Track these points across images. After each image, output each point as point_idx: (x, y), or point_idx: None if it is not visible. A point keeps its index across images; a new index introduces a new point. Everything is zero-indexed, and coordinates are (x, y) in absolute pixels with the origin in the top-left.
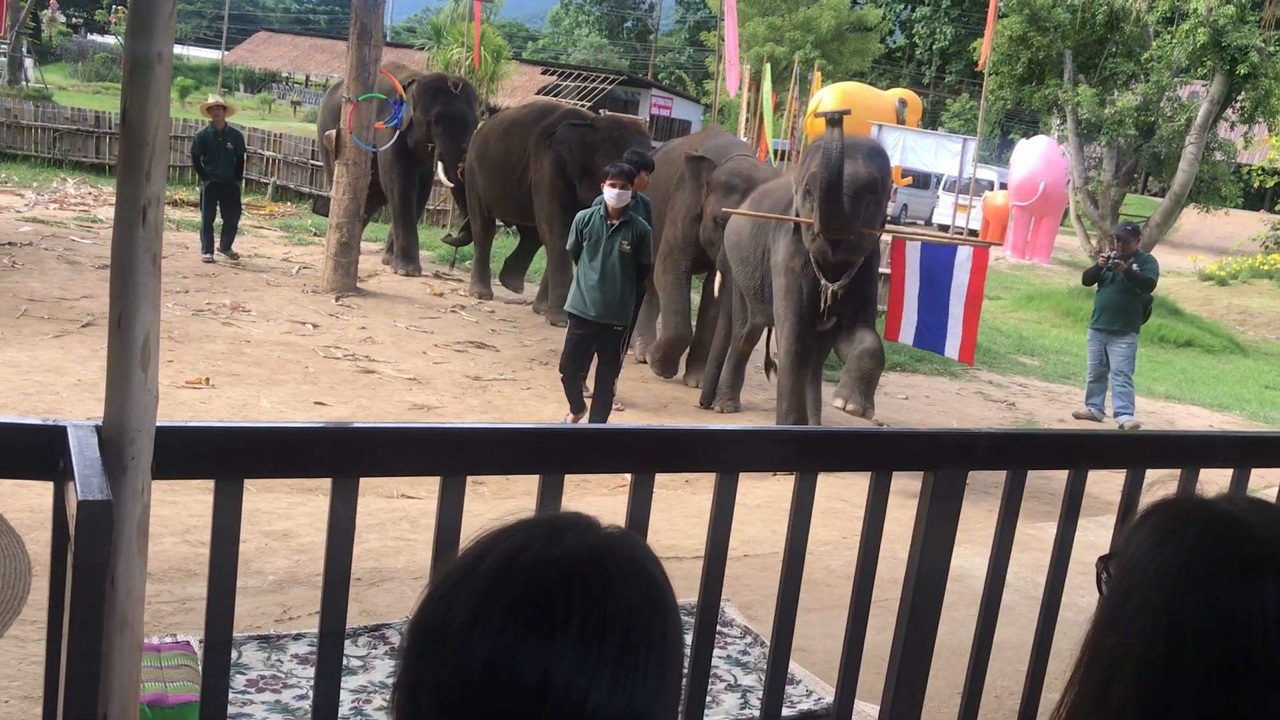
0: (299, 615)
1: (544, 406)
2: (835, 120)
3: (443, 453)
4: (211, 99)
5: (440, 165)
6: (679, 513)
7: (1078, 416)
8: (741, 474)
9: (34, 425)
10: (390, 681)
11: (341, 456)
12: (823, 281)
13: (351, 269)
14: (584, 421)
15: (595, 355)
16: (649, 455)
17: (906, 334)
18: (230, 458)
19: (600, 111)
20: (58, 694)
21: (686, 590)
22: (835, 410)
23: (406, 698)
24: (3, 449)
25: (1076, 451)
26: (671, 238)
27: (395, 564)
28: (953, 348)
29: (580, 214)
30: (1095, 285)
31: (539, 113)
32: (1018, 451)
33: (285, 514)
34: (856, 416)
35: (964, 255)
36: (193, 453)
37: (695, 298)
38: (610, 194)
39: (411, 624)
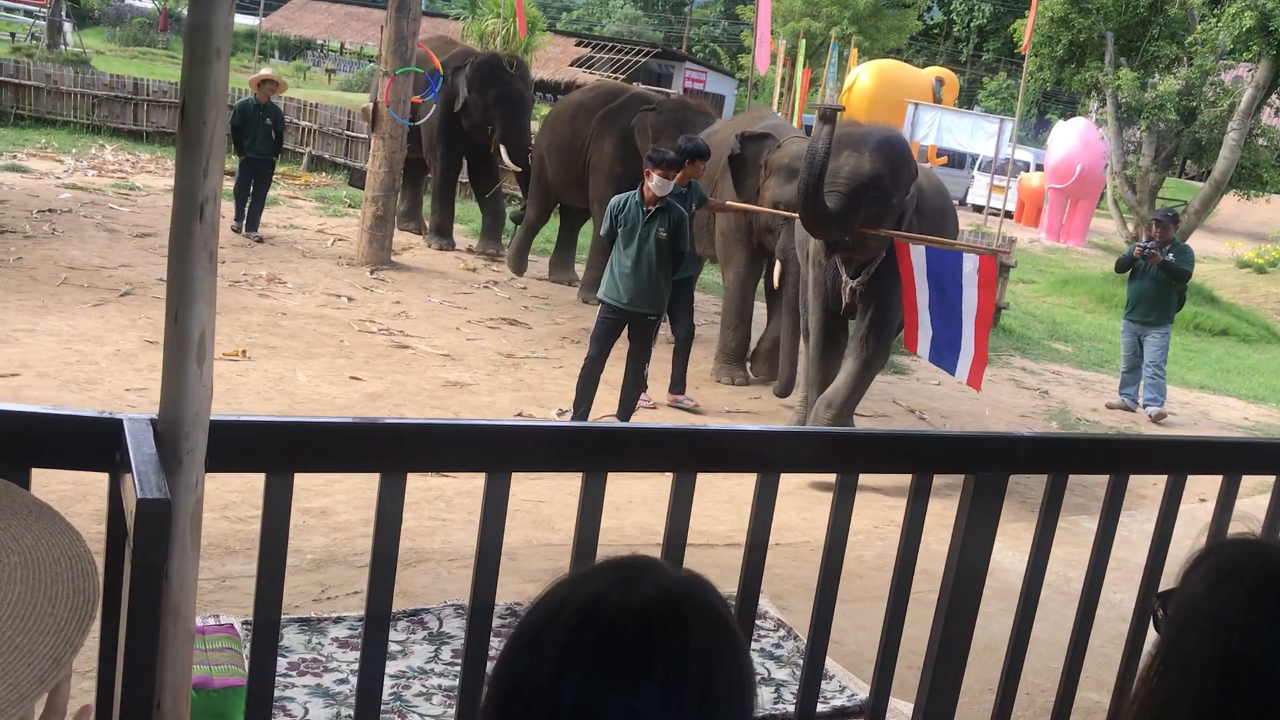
0: (337, 595)
1: (574, 386)
2: (827, 116)
3: (489, 449)
4: (264, 71)
5: (504, 149)
6: (709, 498)
7: (1110, 407)
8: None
9: (91, 417)
10: (429, 668)
11: (390, 452)
12: (843, 277)
13: (386, 242)
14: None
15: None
16: (691, 455)
17: (923, 347)
18: (282, 451)
19: (668, 93)
20: (113, 680)
21: (719, 579)
22: (873, 408)
23: None
24: (60, 440)
25: (1118, 456)
26: (724, 228)
27: (431, 544)
28: (963, 369)
29: (615, 199)
30: (1128, 273)
31: (604, 96)
32: (1059, 456)
33: (323, 490)
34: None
35: (970, 266)
36: (246, 446)
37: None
38: (655, 182)
39: (497, 670)
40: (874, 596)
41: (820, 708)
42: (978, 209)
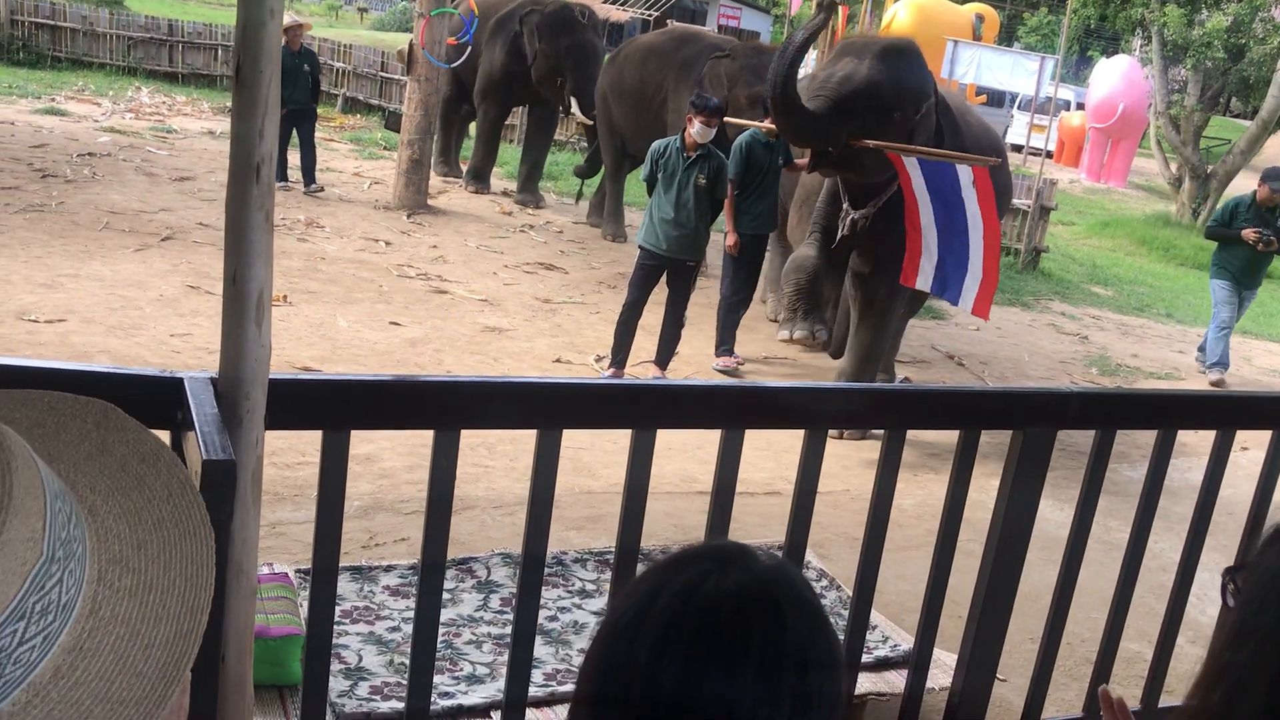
0: (384, 542)
1: (611, 333)
2: (825, 4)
3: (539, 407)
4: (289, 18)
5: (574, 100)
6: (748, 445)
7: (1215, 384)
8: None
9: (153, 376)
10: (478, 615)
11: (443, 410)
12: (844, 205)
13: (423, 186)
14: (655, 373)
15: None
16: (739, 412)
17: (925, 278)
18: (338, 409)
19: (742, 37)
20: None
21: (760, 528)
22: (911, 354)
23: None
24: (123, 399)
25: (1167, 411)
26: (806, 180)
27: (475, 491)
28: (969, 298)
29: (656, 144)
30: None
31: (678, 41)
32: (1108, 411)
33: (368, 437)
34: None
35: (966, 175)
36: (303, 404)
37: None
38: (696, 129)
39: (593, 656)
40: (914, 546)
41: (864, 659)
42: (1017, 149)
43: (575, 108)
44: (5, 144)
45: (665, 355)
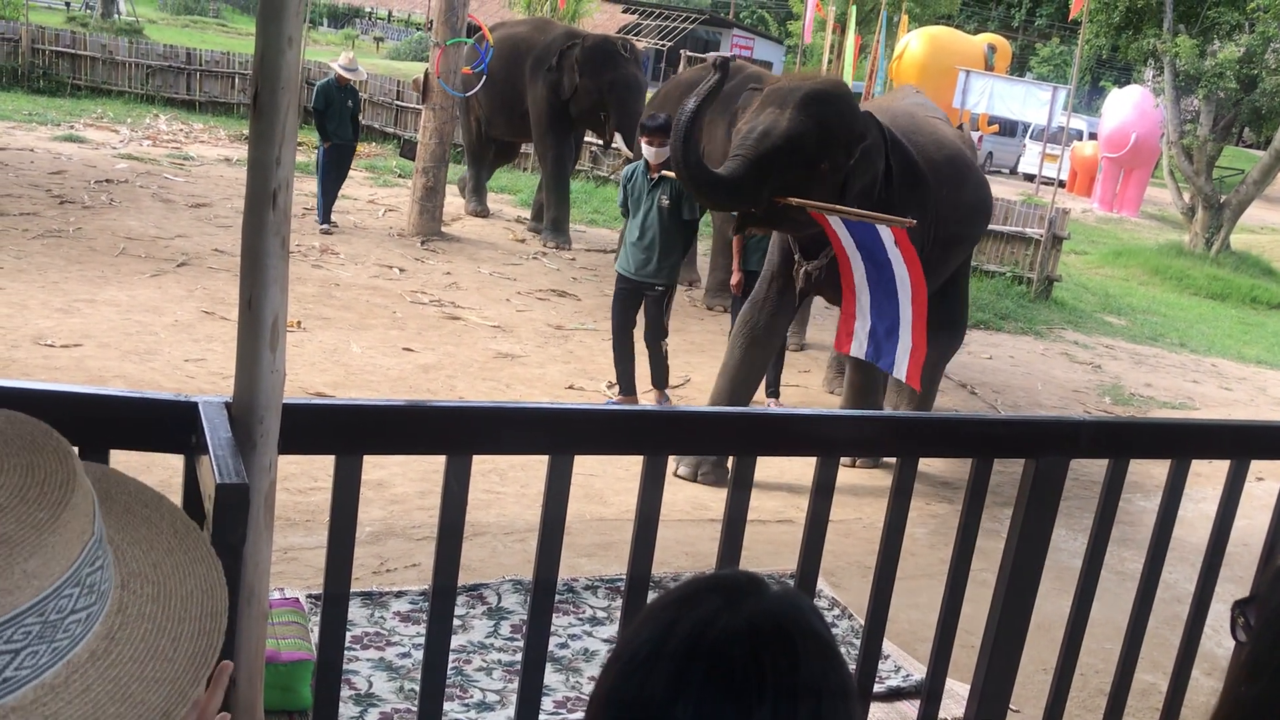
0: (396, 568)
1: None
2: (718, 65)
3: (552, 433)
4: (344, 58)
5: (619, 136)
6: (758, 473)
7: None
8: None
9: (168, 400)
10: (488, 642)
11: (456, 435)
12: (796, 256)
13: (437, 213)
14: (657, 398)
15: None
16: (751, 438)
17: (859, 344)
18: (351, 434)
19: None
20: None
21: (772, 556)
22: None
23: None
24: (139, 423)
25: (1181, 441)
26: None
27: (486, 518)
28: (901, 367)
29: (625, 169)
30: None
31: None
32: (1121, 441)
33: (379, 463)
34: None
35: (887, 235)
36: (316, 429)
37: None
38: (647, 151)
39: (603, 694)
40: (926, 574)
41: (876, 688)
42: (1029, 178)
43: (619, 142)
44: (25, 170)
45: (658, 378)
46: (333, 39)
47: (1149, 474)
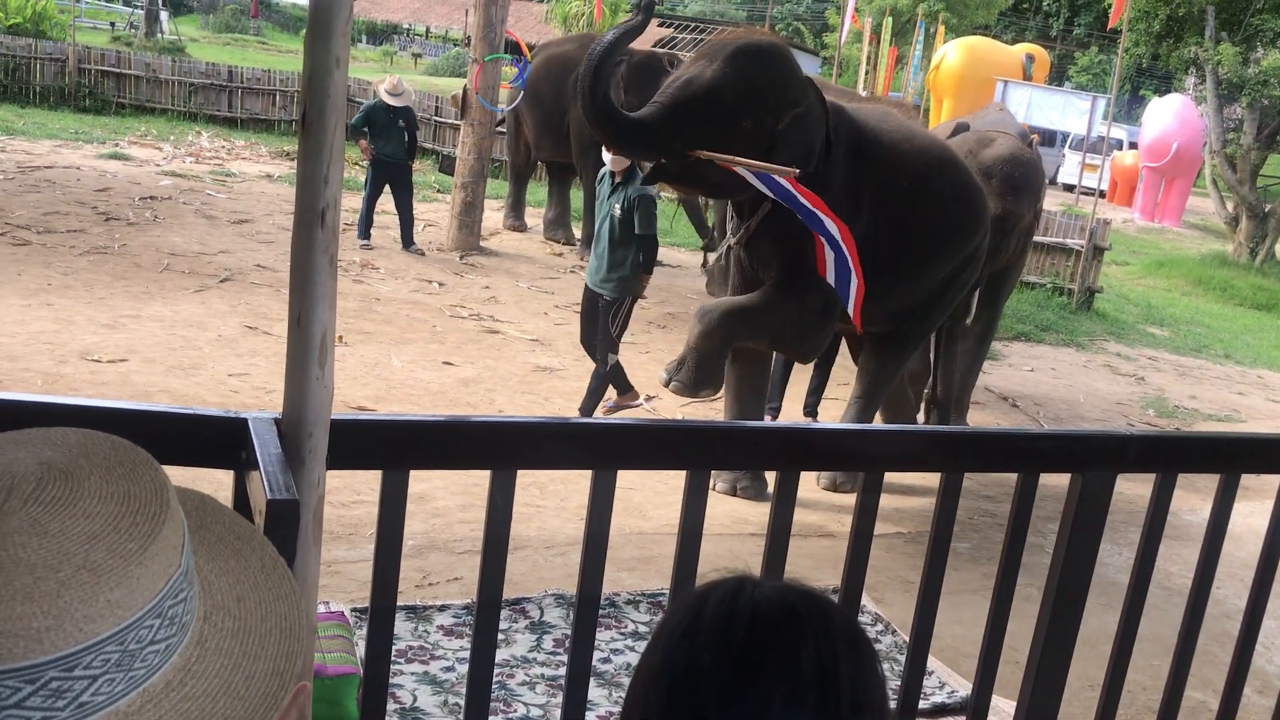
0: (438, 581)
1: (659, 372)
2: (644, 4)
3: (595, 447)
4: (391, 80)
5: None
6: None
7: None
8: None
9: (218, 416)
10: (531, 656)
11: (501, 450)
12: (728, 235)
13: (475, 228)
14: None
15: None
16: (796, 453)
17: (829, 270)
18: (398, 449)
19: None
20: None
21: (813, 571)
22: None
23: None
24: (189, 439)
25: (1231, 455)
26: None
27: (527, 531)
28: (851, 299)
29: (603, 169)
30: None
31: None
32: (1169, 455)
33: (421, 476)
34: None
35: (788, 187)
36: (364, 445)
37: None
38: (605, 155)
39: (650, 699)
40: (969, 590)
41: (920, 704)
42: (1069, 188)
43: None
44: (71, 188)
45: (588, 404)
46: (371, 55)
47: (1194, 487)
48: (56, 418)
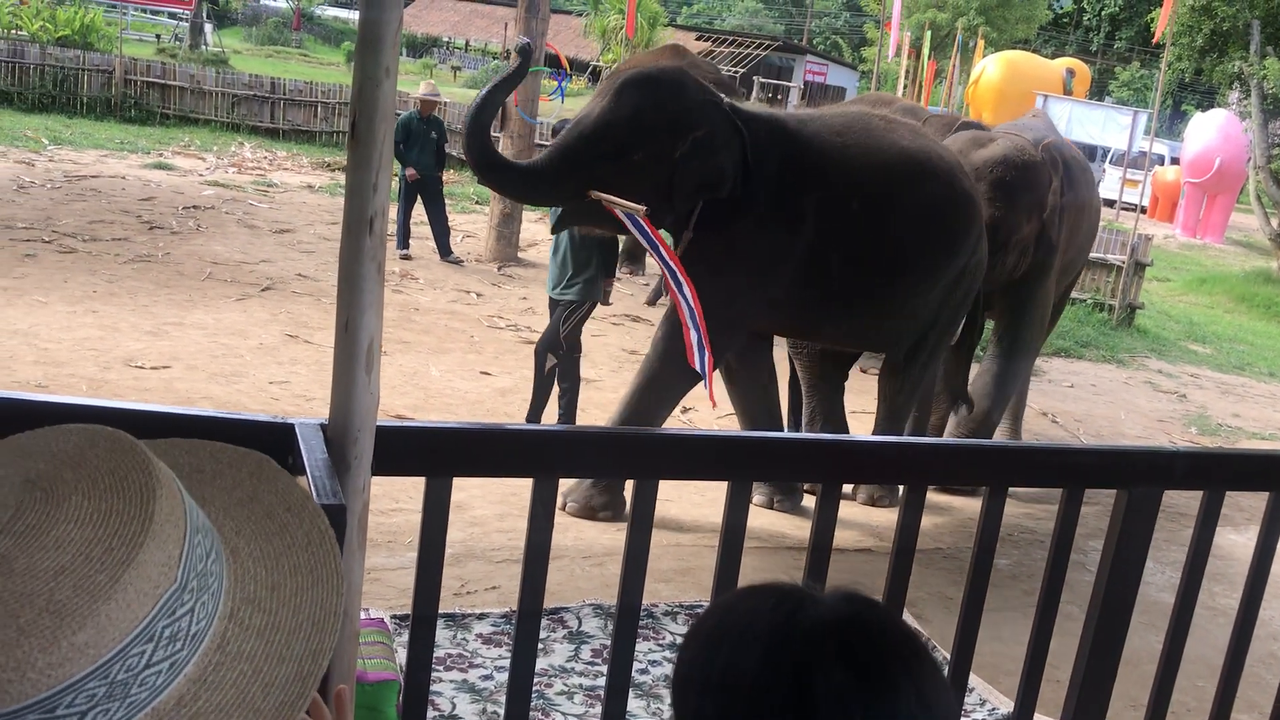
0: (476, 590)
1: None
2: (523, 50)
3: (637, 458)
4: (425, 89)
5: None
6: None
7: None
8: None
9: (265, 422)
10: (569, 666)
11: (543, 458)
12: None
13: (513, 239)
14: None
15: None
16: (839, 466)
17: (695, 357)
18: (442, 456)
19: (828, 93)
20: None
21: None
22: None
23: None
24: (236, 443)
25: (1278, 473)
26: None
27: (564, 540)
28: (704, 367)
29: None
30: None
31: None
32: (1216, 471)
33: (459, 484)
34: None
35: (638, 219)
36: (408, 451)
37: None
38: None
39: (701, 709)
40: (1009, 607)
41: None
42: (1109, 203)
43: None
44: (116, 198)
45: (533, 411)
46: (411, 68)
47: (1239, 506)
48: (107, 421)
